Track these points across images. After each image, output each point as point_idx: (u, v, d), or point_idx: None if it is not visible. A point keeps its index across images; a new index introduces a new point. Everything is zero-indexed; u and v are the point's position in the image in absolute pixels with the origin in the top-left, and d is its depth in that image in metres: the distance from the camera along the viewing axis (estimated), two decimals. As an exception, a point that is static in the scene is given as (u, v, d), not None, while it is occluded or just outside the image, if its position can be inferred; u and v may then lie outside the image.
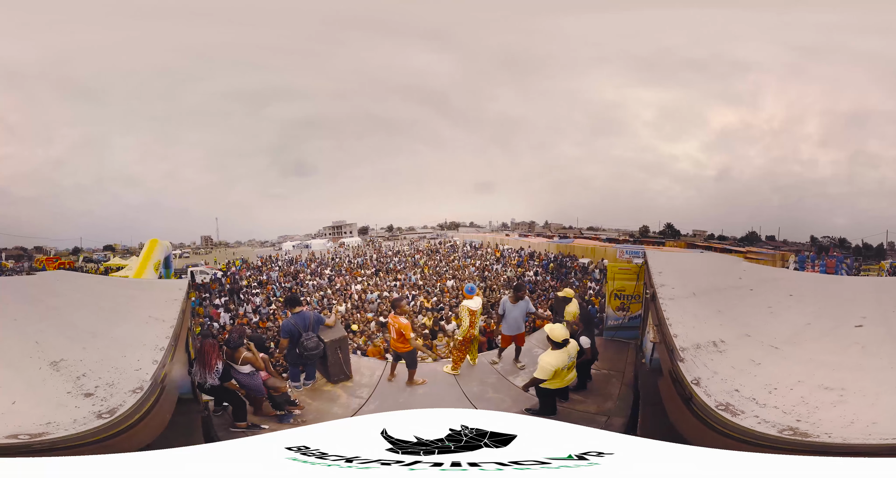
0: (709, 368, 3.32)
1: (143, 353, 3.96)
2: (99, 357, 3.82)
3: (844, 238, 22.77)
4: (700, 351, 3.52)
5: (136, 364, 3.79)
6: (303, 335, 6.33)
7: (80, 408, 3.26)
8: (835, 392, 2.92)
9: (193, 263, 23.43)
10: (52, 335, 4.05)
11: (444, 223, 33.84)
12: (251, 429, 5.49)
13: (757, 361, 3.39)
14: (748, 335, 3.72)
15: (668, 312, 4.16)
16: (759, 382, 3.16)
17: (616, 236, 28.49)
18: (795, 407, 2.87)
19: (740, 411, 2.87)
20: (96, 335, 4.18)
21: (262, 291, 17.68)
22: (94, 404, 3.30)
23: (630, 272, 7.75)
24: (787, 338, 3.65)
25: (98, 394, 3.41)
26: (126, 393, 3.42)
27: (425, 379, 6.65)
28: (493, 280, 18.24)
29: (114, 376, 3.62)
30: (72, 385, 3.46)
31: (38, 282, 5.89)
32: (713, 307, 4.28)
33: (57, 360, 3.71)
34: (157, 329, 4.37)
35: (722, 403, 2.92)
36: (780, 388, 3.04)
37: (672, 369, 3.50)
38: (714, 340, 3.63)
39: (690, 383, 3.13)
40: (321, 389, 6.56)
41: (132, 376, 3.65)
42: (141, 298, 5.19)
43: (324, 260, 23.55)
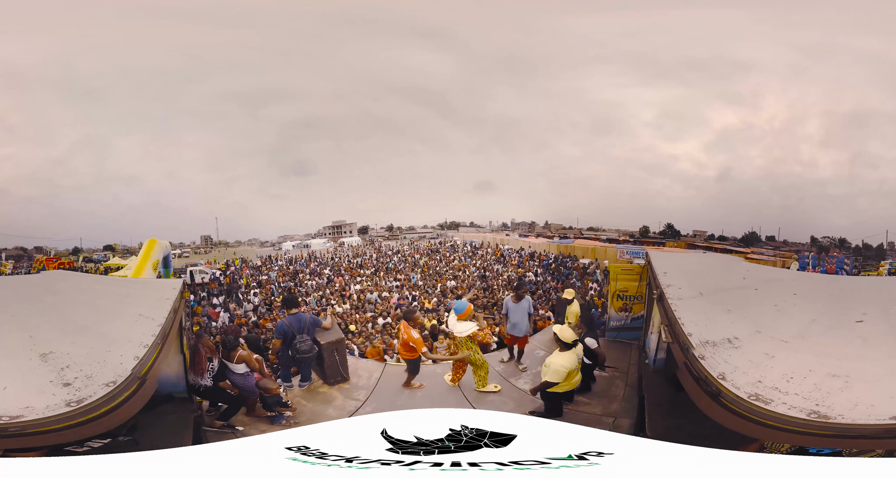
0: (729, 363, 3.52)
1: (127, 349, 4.12)
2: (85, 351, 4.03)
3: (844, 238, 22.78)
4: (717, 348, 3.70)
5: (119, 359, 3.98)
6: (297, 337, 6.24)
7: (56, 396, 3.50)
8: (841, 379, 3.20)
9: (193, 262, 23.42)
10: (46, 330, 4.27)
11: (445, 223, 33.84)
12: (225, 430, 5.42)
13: (771, 354, 3.61)
14: (759, 332, 3.93)
15: (678, 312, 4.27)
16: (776, 373, 3.39)
17: (616, 237, 28.48)
18: (812, 393, 3.13)
19: (770, 400, 3.12)
20: (87, 331, 4.36)
21: (262, 291, 17.68)
22: (69, 394, 3.53)
23: (632, 273, 7.72)
24: (796, 333, 3.88)
25: (75, 384, 3.65)
26: (99, 385, 3.64)
27: (423, 383, 6.59)
28: (493, 280, 18.24)
29: (94, 369, 3.83)
30: (55, 375, 3.72)
31: (37, 281, 6.00)
32: (722, 306, 4.44)
33: (46, 352, 3.95)
34: (144, 327, 4.51)
35: (752, 394, 3.15)
36: (796, 377, 3.30)
37: (691, 367, 3.62)
38: (728, 338, 3.82)
39: (717, 378, 3.33)
40: (317, 390, 6.48)
41: (111, 370, 3.85)
42: (135, 297, 5.30)
43: (323, 260, 23.56)
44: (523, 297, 7.03)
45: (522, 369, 6.99)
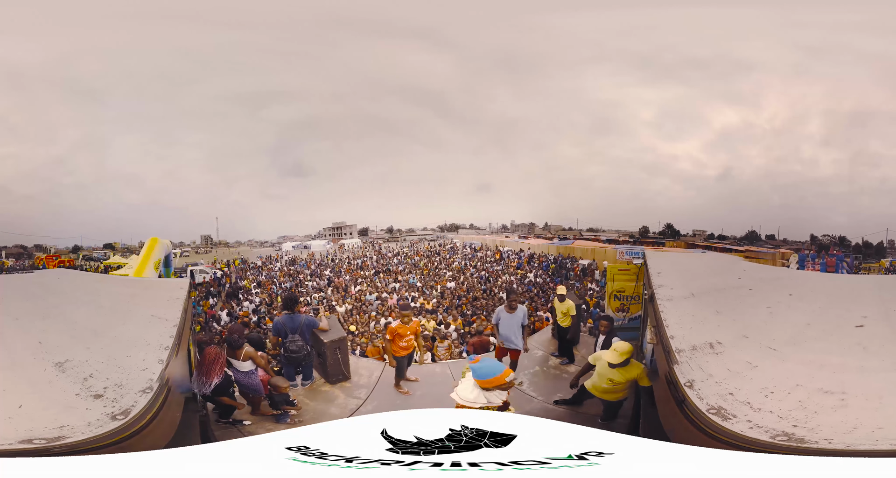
0: (704, 370, 3.26)
1: (148, 352, 3.90)
2: (104, 357, 3.76)
3: (844, 236, 22.81)
4: (696, 353, 3.45)
5: (142, 364, 3.74)
6: (288, 336, 6.24)
7: (92, 410, 3.20)
8: (836, 396, 2.85)
9: (193, 262, 23.42)
10: (55, 335, 3.98)
11: (444, 225, 33.85)
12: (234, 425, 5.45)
13: (754, 363, 3.32)
14: (746, 337, 3.65)
15: (665, 313, 4.08)
16: (755, 385, 3.10)
17: (616, 237, 28.47)
18: (792, 411, 2.80)
19: (732, 416, 2.81)
20: (98, 334, 4.12)
21: (263, 291, 17.69)
22: (106, 406, 3.24)
23: (630, 273, 7.75)
24: (787, 339, 3.58)
25: (108, 395, 3.36)
26: (136, 393, 3.38)
27: (409, 391, 6.45)
28: (493, 282, 18.25)
29: (121, 377, 3.56)
30: (79, 387, 3.40)
31: (38, 280, 5.79)
32: (712, 308, 4.21)
33: (62, 360, 3.64)
34: (160, 328, 4.30)
35: (714, 406, 2.87)
36: (777, 391, 2.98)
37: (668, 371, 3.45)
38: (711, 342, 3.56)
39: (684, 385, 3.09)
40: (319, 389, 6.53)
41: (139, 375, 3.59)
42: (142, 297, 5.11)
43: (323, 261, 23.56)
44: (517, 307, 6.53)
45: (518, 384, 6.48)
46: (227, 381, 5.43)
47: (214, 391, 5.23)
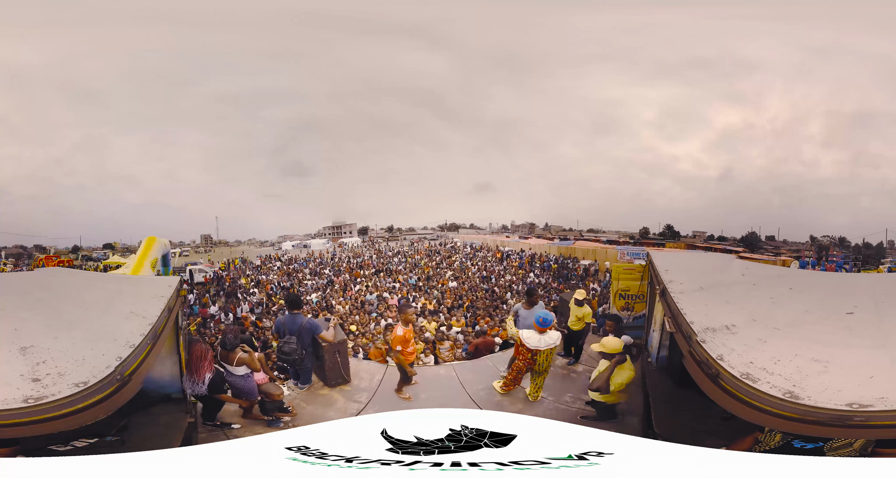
0: (727, 346, 3.89)
1: (111, 348, 3.94)
2: (65, 347, 3.88)
3: (844, 237, 22.83)
4: (716, 334, 4.07)
5: (101, 358, 3.80)
6: (284, 338, 6.06)
7: (20, 389, 3.37)
8: (821, 364, 3.54)
9: (193, 261, 23.41)
10: (32, 323, 4.16)
11: (445, 225, 33.87)
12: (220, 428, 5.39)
13: (764, 339, 3.94)
14: (754, 320, 4.25)
15: (681, 303, 4.60)
16: (766, 355, 3.71)
17: (616, 238, 28.49)
18: (793, 375, 3.47)
19: (758, 378, 3.46)
20: (73, 327, 4.21)
21: (261, 290, 17.68)
22: (34, 390, 3.40)
23: (634, 272, 7.75)
24: (788, 322, 4.19)
25: (44, 381, 3.51)
26: (68, 385, 3.49)
27: (410, 395, 6.25)
28: (494, 282, 18.26)
29: (69, 367, 3.68)
30: (28, 369, 3.59)
31: (31, 277, 5.83)
32: (721, 298, 4.72)
33: (27, 345, 3.83)
34: (133, 325, 4.31)
35: (744, 373, 3.53)
36: (783, 360, 3.63)
37: (694, 352, 4.05)
38: (726, 325, 4.18)
39: (716, 359, 3.70)
40: (317, 392, 6.31)
41: (87, 369, 3.68)
42: (127, 293, 5.08)
43: (323, 260, 23.55)
44: (536, 303, 6.53)
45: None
46: (219, 377, 5.36)
47: (209, 389, 5.19)
